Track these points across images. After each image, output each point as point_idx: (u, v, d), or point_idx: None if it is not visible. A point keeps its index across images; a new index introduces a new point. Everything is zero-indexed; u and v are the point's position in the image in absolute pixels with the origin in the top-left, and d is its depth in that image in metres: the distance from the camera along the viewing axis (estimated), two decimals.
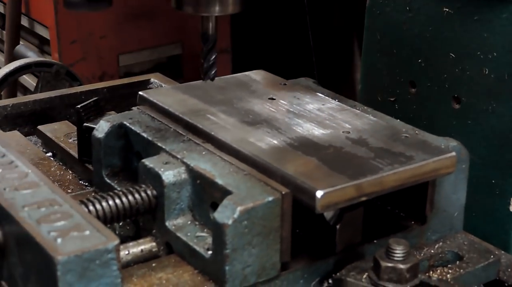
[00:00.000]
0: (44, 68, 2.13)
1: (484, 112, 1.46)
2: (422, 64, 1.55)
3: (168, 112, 1.37)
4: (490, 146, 1.44)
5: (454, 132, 1.47)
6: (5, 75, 2.08)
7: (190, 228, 1.22)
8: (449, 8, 1.48)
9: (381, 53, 1.64)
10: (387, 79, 1.63)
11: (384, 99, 1.62)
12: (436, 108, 1.53)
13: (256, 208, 1.12)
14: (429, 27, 1.52)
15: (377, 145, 1.27)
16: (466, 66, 1.46)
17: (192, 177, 1.21)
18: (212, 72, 1.29)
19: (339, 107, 1.42)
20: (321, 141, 1.27)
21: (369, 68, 1.68)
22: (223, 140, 1.27)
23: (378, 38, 1.64)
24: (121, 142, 1.36)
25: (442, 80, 1.51)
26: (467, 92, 1.48)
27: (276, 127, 1.32)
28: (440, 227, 1.36)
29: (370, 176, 1.17)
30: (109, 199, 1.21)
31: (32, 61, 2.13)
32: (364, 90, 1.67)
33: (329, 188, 1.12)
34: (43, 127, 1.83)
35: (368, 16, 1.66)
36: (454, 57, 1.48)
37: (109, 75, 3.30)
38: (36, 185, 1.15)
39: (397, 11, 1.58)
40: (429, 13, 1.52)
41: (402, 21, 1.57)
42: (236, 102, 1.41)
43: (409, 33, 1.56)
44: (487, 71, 1.43)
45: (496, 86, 1.44)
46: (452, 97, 1.49)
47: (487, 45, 1.43)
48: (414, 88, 1.56)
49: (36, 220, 1.06)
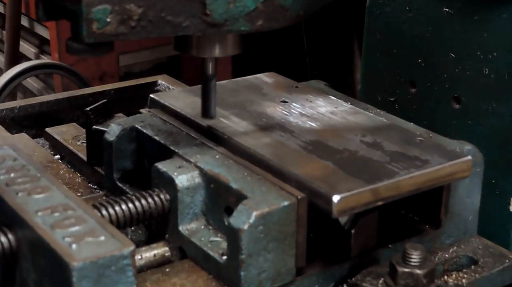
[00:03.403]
0: (51, 69, 2.12)
1: (484, 112, 1.45)
2: (422, 64, 1.54)
3: (180, 115, 1.36)
4: (490, 146, 1.44)
5: (454, 132, 1.47)
6: (13, 76, 2.07)
7: (203, 233, 1.20)
8: (449, 8, 1.47)
9: (381, 53, 1.63)
10: (387, 79, 1.62)
11: (384, 99, 1.62)
12: (436, 108, 1.53)
13: (272, 213, 1.10)
14: (429, 27, 1.51)
15: (392, 148, 1.25)
16: (466, 66, 1.46)
17: (205, 181, 1.20)
18: (212, 112, 1.28)
19: (352, 110, 1.40)
20: (336, 145, 1.26)
21: (369, 68, 1.67)
22: (236, 144, 1.25)
23: (378, 38, 1.63)
24: (132, 145, 1.35)
25: (442, 80, 1.51)
26: (467, 92, 1.47)
27: (290, 131, 1.31)
28: (454, 231, 1.35)
29: (387, 180, 1.16)
30: (122, 203, 1.19)
31: (39, 63, 2.12)
32: (364, 90, 1.67)
33: (345, 193, 1.11)
34: (51, 129, 1.81)
35: (368, 16, 1.66)
36: (454, 57, 1.47)
37: (109, 75, 3.30)
38: (49, 190, 1.14)
39: (397, 11, 1.57)
40: (429, 13, 1.51)
41: (402, 21, 1.56)
42: (248, 105, 1.40)
43: (409, 33, 1.55)
44: (487, 71, 1.43)
45: (496, 86, 1.43)
46: (452, 97, 1.49)
47: (487, 45, 1.43)
48: (414, 88, 1.56)
49: (50, 225, 1.05)
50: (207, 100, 1.27)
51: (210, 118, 1.28)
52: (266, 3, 1.12)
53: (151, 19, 1.07)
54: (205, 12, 1.09)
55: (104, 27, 1.04)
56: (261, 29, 1.13)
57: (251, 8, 1.11)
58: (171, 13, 1.08)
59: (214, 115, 1.28)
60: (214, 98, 1.27)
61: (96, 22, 1.03)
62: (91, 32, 1.03)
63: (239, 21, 1.12)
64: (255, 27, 1.13)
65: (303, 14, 1.17)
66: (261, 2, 1.11)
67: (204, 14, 1.09)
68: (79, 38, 1.05)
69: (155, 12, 1.07)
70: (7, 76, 2.07)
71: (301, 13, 1.17)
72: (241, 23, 1.12)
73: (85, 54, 1.08)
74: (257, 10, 1.11)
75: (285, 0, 1.13)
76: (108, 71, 3.29)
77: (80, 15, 1.03)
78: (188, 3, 1.08)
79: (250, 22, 1.12)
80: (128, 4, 1.04)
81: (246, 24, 1.12)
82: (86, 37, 1.04)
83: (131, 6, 1.05)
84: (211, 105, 1.27)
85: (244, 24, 1.12)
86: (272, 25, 1.14)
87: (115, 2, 1.04)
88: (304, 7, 1.17)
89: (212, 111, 1.28)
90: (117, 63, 3.30)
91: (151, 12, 1.06)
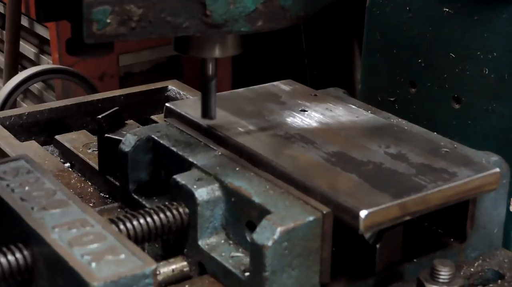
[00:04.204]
0: (59, 75, 2.08)
1: (484, 112, 1.44)
2: (422, 64, 1.53)
3: (197, 125, 1.32)
4: (490, 146, 1.41)
5: (454, 132, 1.46)
6: (20, 82, 2.04)
7: (224, 248, 1.17)
8: (449, 8, 1.46)
9: (381, 53, 1.62)
10: (387, 79, 1.61)
11: (384, 99, 1.61)
12: (436, 108, 1.52)
13: (297, 228, 1.07)
14: (429, 27, 1.50)
15: (417, 160, 1.22)
16: (466, 66, 1.45)
17: (226, 194, 1.17)
18: (212, 112, 1.28)
19: (374, 120, 1.37)
20: (359, 157, 1.22)
21: (369, 68, 1.67)
22: (257, 155, 1.22)
23: (378, 38, 1.62)
24: (148, 156, 1.31)
25: (442, 80, 1.50)
26: (467, 92, 1.46)
27: (311, 141, 1.27)
28: (479, 244, 1.31)
29: (414, 194, 1.12)
30: (140, 217, 1.16)
31: (47, 68, 2.08)
32: (364, 90, 1.66)
33: (373, 208, 1.07)
34: (61, 137, 1.78)
35: (368, 16, 1.65)
36: (454, 57, 1.46)
37: (109, 75, 3.28)
38: (65, 204, 1.10)
39: (397, 11, 1.56)
40: (429, 13, 1.50)
41: (402, 21, 1.55)
42: (267, 114, 1.36)
43: (409, 33, 1.54)
44: (487, 71, 1.41)
45: (496, 86, 1.42)
46: (452, 97, 1.47)
47: (487, 45, 1.41)
48: (414, 88, 1.55)
49: (67, 242, 1.01)
50: (207, 101, 1.27)
51: (210, 118, 1.28)
52: (266, 4, 1.11)
53: (151, 19, 1.07)
54: (205, 12, 1.09)
55: (104, 28, 1.04)
56: (261, 30, 1.13)
57: (251, 8, 1.11)
58: (171, 14, 1.08)
59: (214, 116, 1.28)
60: (214, 99, 1.27)
61: (96, 23, 1.03)
62: (91, 33, 1.03)
63: (239, 22, 1.11)
64: (255, 28, 1.12)
65: (303, 15, 1.17)
66: (261, 2, 1.11)
67: (204, 14, 1.09)
68: (79, 39, 1.05)
69: (155, 13, 1.06)
70: (13, 82, 2.03)
71: (301, 14, 1.17)
72: (241, 24, 1.11)
73: (85, 55, 1.08)
74: (257, 11, 1.11)
75: (285, 1, 1.13)
76: (108, 71, 3.28)
77: (80, 16, 1.03)
78: (188, 3, 1.08)
79: (250, 22, 1.12)
80: (128, 5, 1.04)
81: (246, 24, 1.12)
82: (86, 38, 1.03)
83: (131, 7, 1.04)
84: (211, 105, 1.27)
85: (244, 24, 1.12)
86: (272, 26, 1.14)
87: (115, 3, 1.04)
88: (304, 8, 1.17)
89: (212, 112, 1.27)
90: (117, 63, 3.29)
91: (151, 13, 1.06)
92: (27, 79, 2.04)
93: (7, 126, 1.84)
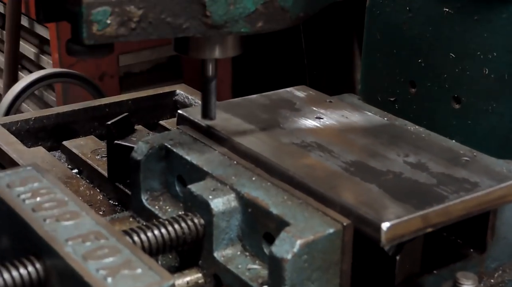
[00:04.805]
0: (65, 78, 2.05)
1: (484, 112, 1.42)
2: (422, 64, 1.51)
3: (211, 133, 1.29)
4: (490, 146, 1.39)
5: (454, 132, 1.44)
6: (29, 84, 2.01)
7: (240, 260, 1.14)
8: (449, 8, 1.44)
9: (381, 53, 1.61)
10: (387, 79, 1.60)
11: (384, 99, 1.58)
12: (436, 108, 1.50)
13: (317, 241, 1.04)
14: (429, 27, 1.49)
15: (437, 170, 1.19)
16: (466, 66, 1.43)
17: (242, 205, 1.14)
18: (212, 113, 1.28)
19: (391, 127, 1.34)
20: (378, 166, 1.19)
21: (369, 68, 1.65)
22: (273, 165, 1.19)
23: (378, 38, 1.61)
24: (161, 164, 1.28)
25: (442, 80, 1.48)
26: (467, 92, 1.44)
27: (328, 150, 1.24)
28: (499, 255, 1.28)
29: (436, 205, 1.09)
30: (154, 229, 1.13)
31: (54, 71, 2.05)
32: (364, 90, 1.65)
33: (395, 220, 1.04)
34: (68, 142, 1.75)
35: (368, 16, 1.64)
36: (454, 57, 1.44)
37: (109, 75, 3.26)
38: (78, 216, 1.07)
39: (397, 11, 1.55)
40: (429, 13, 1.49)
41: (402, 21, 1.54)
42: (282, 121, 1.33)
43: (409, 33, 1.53)
44: (487, 71, 1.40)
45: (496, 86, 1.40)
46: (452, 97, 1.45)
47: (487, 45, 1.40)
48: (414, 88, 1.53)
49: (82, 256, 0.98)
50: (207, 101, 1.27)
51: (210, 119, 1.28)
52: (266, 5, 1.12)
53: (151, 20, 1.07)
54: (205, 13, 1.09)
55: (104, 29, 1.04)
56: (261, 31, 1.13)
57: (251, 9, 1.11)
58: (171, 15, 1.08)
59: (214, 117, 1.27)
60: (214, 99, 1.27)
61: (96, 23, 1.03)
62: (91, 33, 1.04)
63: (239, 23, 1.11)
64: (255, 29, 1.13)
65: (303, 15, 1.17)
66: (261, 3, 1.11)
67: (204, 15, 1.09)
68: (79, 40, 1.05)
69: (155, 14, 1.07)
70: (19, 87, 2.00)
71: (301, 14, 1.17)
72: (241, 25, 1.12)
73: (85, 55, 1.08)
74: (257, 12, 1.11)
75: (285, 2, 1.13)
76: (108, 71, 3.26)
77: (80, 17, 1.03)
78: (188, 4, 1.08)
79: (250, 23, 1.12)
80: (128, 5, 1.04)
81: (246, 25, 1.12)
82: (86, 39, 1.04)
83: (131, 7, 1.05)
84: (211, 106, 1.27)
85: (244, 25, 1.12)
86: (272, 27, 1.14)
87: (115, 4, 1.04)
88: (304, 9, 1.16)
89: (212, 113, 1.27)
90: (117, 63, 3.27)
91: (151, 14, 1.06)
92: (33, 83, 2.01)
93: (14, 131, 1.81)
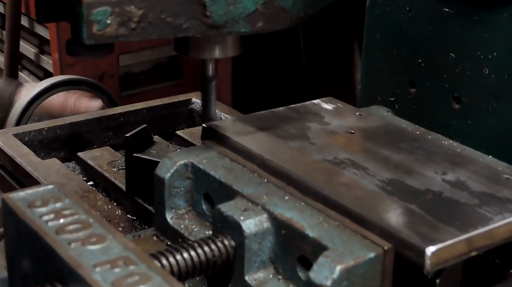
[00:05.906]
0: (79, 86, 2.00)
1: (484, 112, 1.42)
2: (422, 64, 1.52)
3: (239, 149, 1.23)
4: (490, 146, 1.38)
5: (454, 132, 1.44)
6: (38, 94, 1.96)
7: (273, 283, 1.08)
8: (449, 8, 1.44)
9: (381, 53, 1.62)
10: (387, 79, 1.61)
11: (384, 99, 1.59)
12: (436, 108, 1.51)
13: (357, 266, 0.99)
14: (429, 27, 1.49)
15: (479, 189, 1.13)
16: (466, 66, 1.43)
17: (275, 226, 1.08)
18: (212, 113, 1.30)
19: (425, 141, 1.28)
20: (416, 184, 1.14)
21: (369, 68, 1.66)
22: (307, 183, 1.13)
23: (378, 38, 1.62)
24: (187, 182, 1.23)
25: (442, 80, 1.48)
26: (467, 92, 1.44)
27: (363, 167, 1.19)
28: None
29: (481, 227, 1.04)
30: (183, 251, 1.07)
31: (67, 78, 2.00)
32: (364, 90, 1.66)
33: (440, 244, 0.99)
34: (84, 154, 1.70)
35: (368, 16, 1.64)
36: (454, 57, 1.45)
37: (109, 75, 3.24)
38: (105, 239, 1.02)
39: (397, 11, 1.56)
40: (429, 13, 1.49)
41: (402, 21, 1.54)
42: (312, 137, 1.28)
43: (409, 33, 1.53)
44: (487, 71, 1.40)
45: (496, 86, 1.40)
46: (452, 97, 1.46)
47: (487, 45, 1.40)
48: (414, 88, 1.54)
49: (111, 283, 0.93)
50: (207, 102, 1.29)
51: (210, 119, 1.29)
52: (266, 5, 1.11)
53: (151, 20, 1.07)
54: (205, 13, 1.09)
55: (104, 29, 1.04)
56: (261, 31, 1.13)
57: (251, 9, 1.11)
58: (171, 15, 1.08)
59: (214, 117, 1.27)
60: (214, 100, 1.29)
61: (96, 24, 1.04)
62: (91, 34, 1.04)
63: (239, 23, 1.11)
64: (255, 29, 1.13)
65: (303, 15, 1.17)
66: (261, 3, 1.11)
67: (204, 15, 1.10)
68: (79, 40, 1.04)
69: (155, 14, 1.07)
70: (30, 95, 1.95)
71: (301, 14, 1.16)
72: (241, 25, 1.12)
73: (85, 56, 1.08)
74: (257, 12, 1.11)
75: (285, 2, 1.12)
76: (108, 71, 3.23)
77: (81, 17, 1.03)
78: (188, 4, 1.08)
79: (250, 23, 1.11)
80: (128, 5, 1.04)
81: (246, 25, 1.12)
82: (86, 39, 1.04)
83: (131, 8, 1.04)
84: (211, 106, 1.29)
85: (244, 25, 1.11)
86: (272, 27, 1.14)
87: (115, 4, 1.04)
88: (304, 9, 1.16)
89: (212, 113, 1.29)
90: (117, 63, 3.25)
91: (151, 14, 1.06)
92: (45, 91, 1.95)
93: (26, 141, 1.76)
